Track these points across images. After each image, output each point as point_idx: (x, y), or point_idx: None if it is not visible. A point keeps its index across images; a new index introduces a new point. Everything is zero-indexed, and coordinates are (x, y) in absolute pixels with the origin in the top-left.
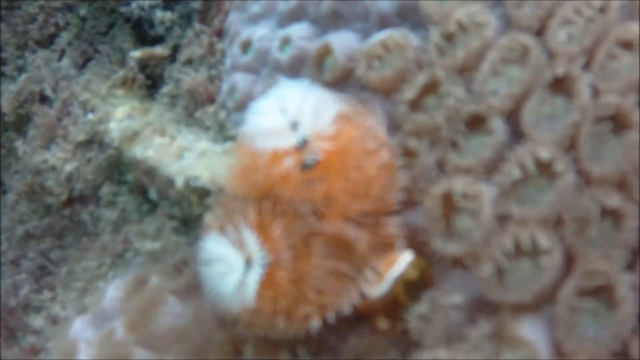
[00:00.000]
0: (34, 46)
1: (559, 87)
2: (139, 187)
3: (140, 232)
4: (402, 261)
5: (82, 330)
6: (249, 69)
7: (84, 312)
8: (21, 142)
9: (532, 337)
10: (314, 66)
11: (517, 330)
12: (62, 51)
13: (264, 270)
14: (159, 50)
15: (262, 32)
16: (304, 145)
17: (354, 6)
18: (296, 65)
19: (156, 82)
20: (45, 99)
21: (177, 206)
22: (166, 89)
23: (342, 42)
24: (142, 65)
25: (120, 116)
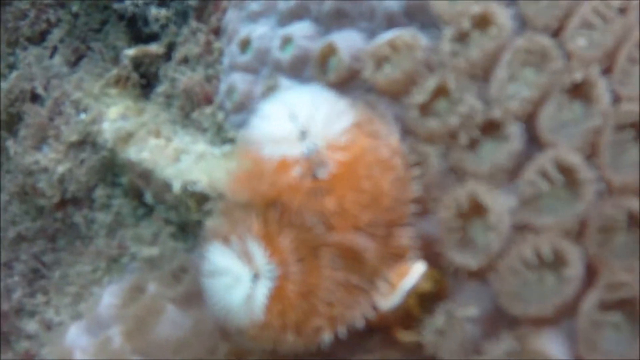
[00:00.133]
0: (25, 43)
1: (577, 92)
2: (134, 190)
3: (136, 237)
4: (415, 272)
5: (77, 337)
6: (248, 68)
7: (78, 318)
8: (12, 142)
9: (555, 352)
10: (317, 66)
11: (539, 344)
12: (54, 48)
13: (273, 283)
14: (153, 48)
15: (261, 31)
16: (314, 154)
17: (359, 5)
18: (298, 65)
19: (151, 81)
20: (36, 98)
21: (174, 211)
22: (161, 89)
23: (346, 41)
24: (136, 63)
25: (113, 116)
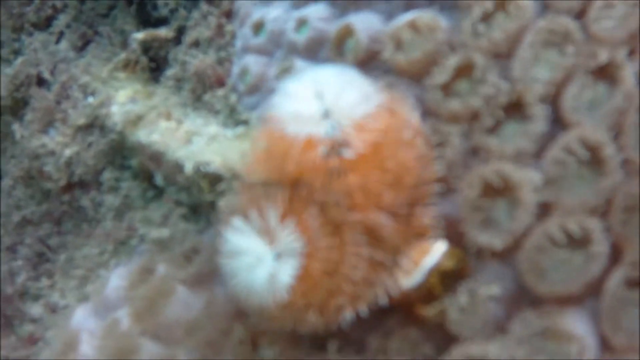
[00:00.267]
0: (31, 29)
1: (601, 74)
2: (144, 172)
3: (145, 219)
4: (436, 251)
5: (84, 319)
6: (262, 51)
7: (85, 300)
8: (18, 125)
9: (581, 331)
10: (334, 48)
11: (565, 324)
12: (60, 34)
13: (298, 262)
14: (163, 32)
15: (275, 13)
16: (339, 134)
17: None
18: (313, 47)
19: (160, 65)
20: (42, 82)
21: (186, 192)
22: (171, 72)
23: (364, 23)
24: (145, 47)
25: (122, 99)
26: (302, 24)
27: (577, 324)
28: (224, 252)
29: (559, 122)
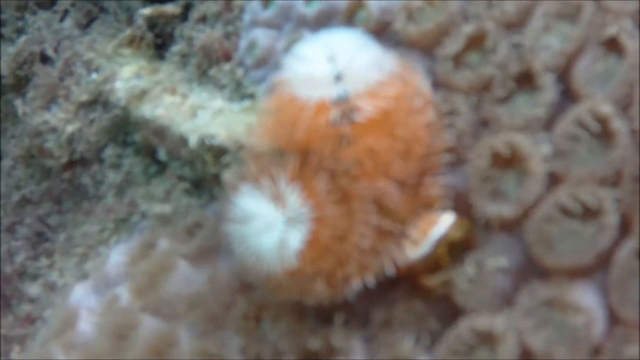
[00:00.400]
0: (35, 7)
1: (613, 45)
2: (147, 147)
3: (147, 195)
4: (444, 221)
5: (83, 297)
6: (271, 24)
7: (84, 279)
8: (20, 102)
9: (587, 303)
10: (345, 21)
11: (573, 295)
12: (65, 12)
13: (308, 227)
14: (170, 8)
15: None
16: (350, 99)
17: None
18: (323, 20)
19: (166, 41)
20: (46, 59)
21: (189, 166)
22: (177, 48)
23: None
24: (151, 23)
25: (127, 75)
26: None
27: (585, 296)
28: (233, 218)
29: (569, 94)
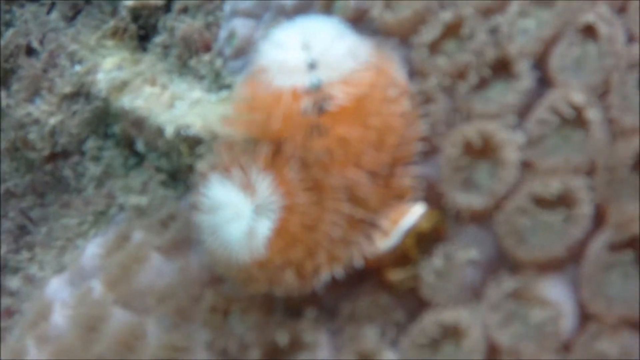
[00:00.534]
0: (23, 0)
1: (590, 32)
2: (126, 139)
3: (125, 187)
4: (414, 213)
5: (58, 289)
6: (250, 14)
7: (61, 271)
8: (5, 94)
9: (557, 297)
10: (322, 9)
11: (541, 289)
12: (52, 5)
13: (277, 215)
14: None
15: None
16: (323, 87)
17: None
18: (302, 9)
19: (149, 33)
20: (32, 52)
21: (166, 158)
22: (159, 39)
23: None
24: (135, 15)
25: (109, 67)
26: None
27: (553, 290)
28: (202, 208)
29: (546, 82)
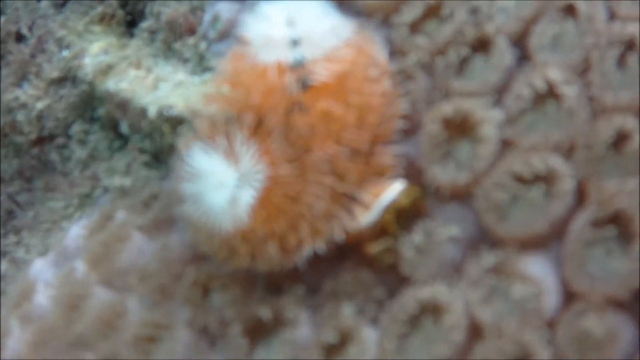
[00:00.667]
0: None
1: (570, 10)
2: (111, 121)
3: (109, 169)
4: (393, 189)
5: (42, 270)
6: None
7: (46, 253)
8: None
9: (539, 274)
10: None
11: (522, 265)
12: None
13: (261, 184)
14: None
15: None
16: (305, 63)
17: None
18: None
19: (137, 18)
20: (21, 38)
21: (149, 139)
22: (146, 24)
23: None
24: (123, 2)
25: (95, 51)
26: None
27: (535, 267)
28: (185, 176)
29: (526, 60)
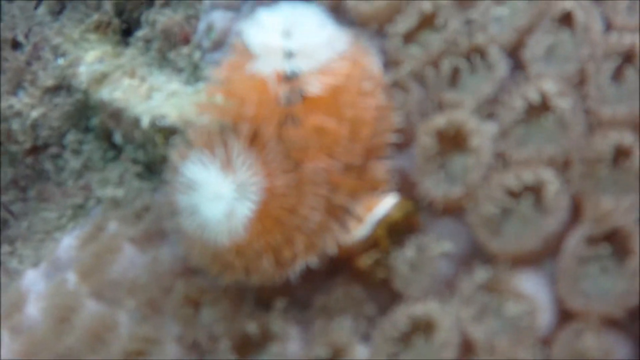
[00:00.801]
0: None
1: (567, 21)
2: (105, 131)
3: (102, 180)
4: (386, 203)
5: (34, 281)
6: (230, 6)
7: (38, 264)
8: None
9: (532, 291)
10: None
11: (515, 282)
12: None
13: (259, 197)
14: None
15: None
16: (300, 76)
17: None
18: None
19: (132, 27)
20: (17, 45)
21: (142, 149)
22: (141, 33)
23: None
24: (119, 10)
25: (90, 60)
26: None
27: (528, 284)
28: (180, 187)
29: (521, 71)
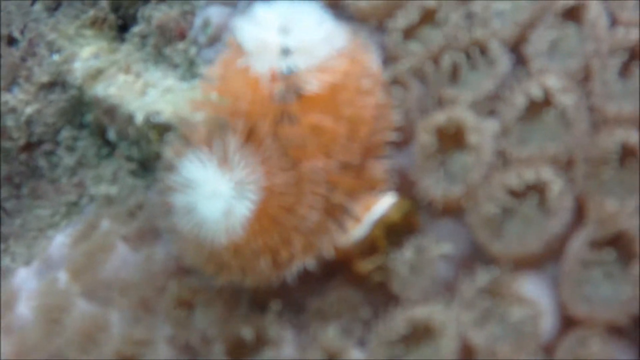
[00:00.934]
0: None
1: (571, 15)
2: (99, 128)
3: (96, 177)
4: (384, 203)
5: (25, 280)
6: (226, 2)
7: (30, 262)
8: None
9: (535, 295)
10: None
11: (518, 286)
12: None
13: (257, 196)
14: None
15: None
16: (297, 73)
17: None
18: None
19: (128, 23)
20: (13, 42)
21: (136, 146)
22: (137, 29)
23: None
24: (115, 6)
25: (86, 56)
26: None
27: (531, 288)
28: (176, 186)
29: (523, 66)
